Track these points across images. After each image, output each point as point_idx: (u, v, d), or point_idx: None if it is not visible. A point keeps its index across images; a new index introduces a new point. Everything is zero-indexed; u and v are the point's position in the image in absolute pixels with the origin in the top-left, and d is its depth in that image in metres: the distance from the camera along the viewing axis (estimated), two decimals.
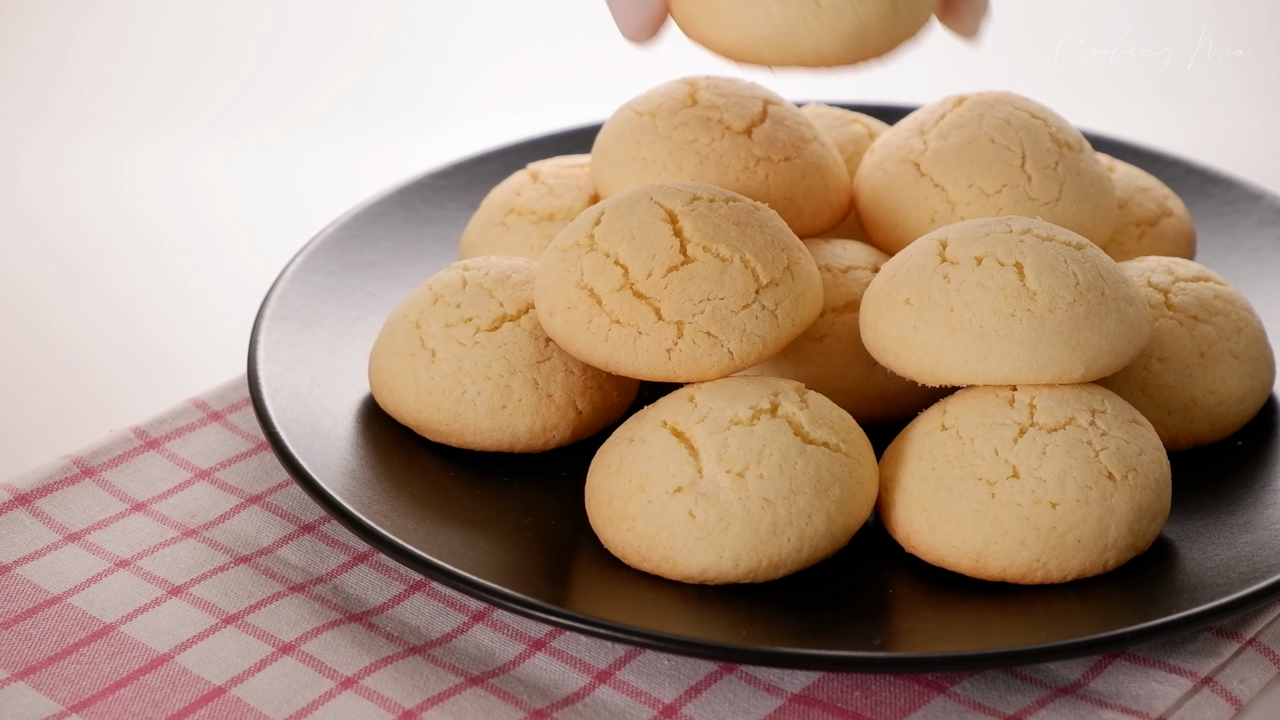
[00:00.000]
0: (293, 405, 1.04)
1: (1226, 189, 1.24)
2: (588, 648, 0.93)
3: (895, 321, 0.98)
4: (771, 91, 1.13)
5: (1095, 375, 0.96)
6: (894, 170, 1.09)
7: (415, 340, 1.04)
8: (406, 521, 0.97)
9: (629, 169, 1.09)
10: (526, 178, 1.17)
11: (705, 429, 0.94)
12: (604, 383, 1.05)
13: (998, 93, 1.11)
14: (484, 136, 1.37)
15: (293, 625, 0.94)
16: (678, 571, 0.93)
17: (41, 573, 0.98)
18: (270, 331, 1.09)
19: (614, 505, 0.95)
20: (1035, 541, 0.93)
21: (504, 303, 1.04)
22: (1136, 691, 0.90)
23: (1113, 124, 1.37)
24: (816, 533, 0.93)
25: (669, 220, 1.00)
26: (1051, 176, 1.07)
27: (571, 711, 0.90)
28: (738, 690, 0.91)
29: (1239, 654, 0.93)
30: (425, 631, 0.95)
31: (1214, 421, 1.04)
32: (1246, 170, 1.34)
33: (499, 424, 1.03)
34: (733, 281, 0.98)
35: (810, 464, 0.94)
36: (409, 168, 1.35)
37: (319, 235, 1.19)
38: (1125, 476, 0.94)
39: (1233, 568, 0.94)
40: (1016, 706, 0.90)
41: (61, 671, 0.92)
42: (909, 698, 0.90)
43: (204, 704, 0.90)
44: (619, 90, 1.22)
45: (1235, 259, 1.19)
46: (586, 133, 1.28)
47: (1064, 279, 0.96)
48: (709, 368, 0.98)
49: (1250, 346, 1.05)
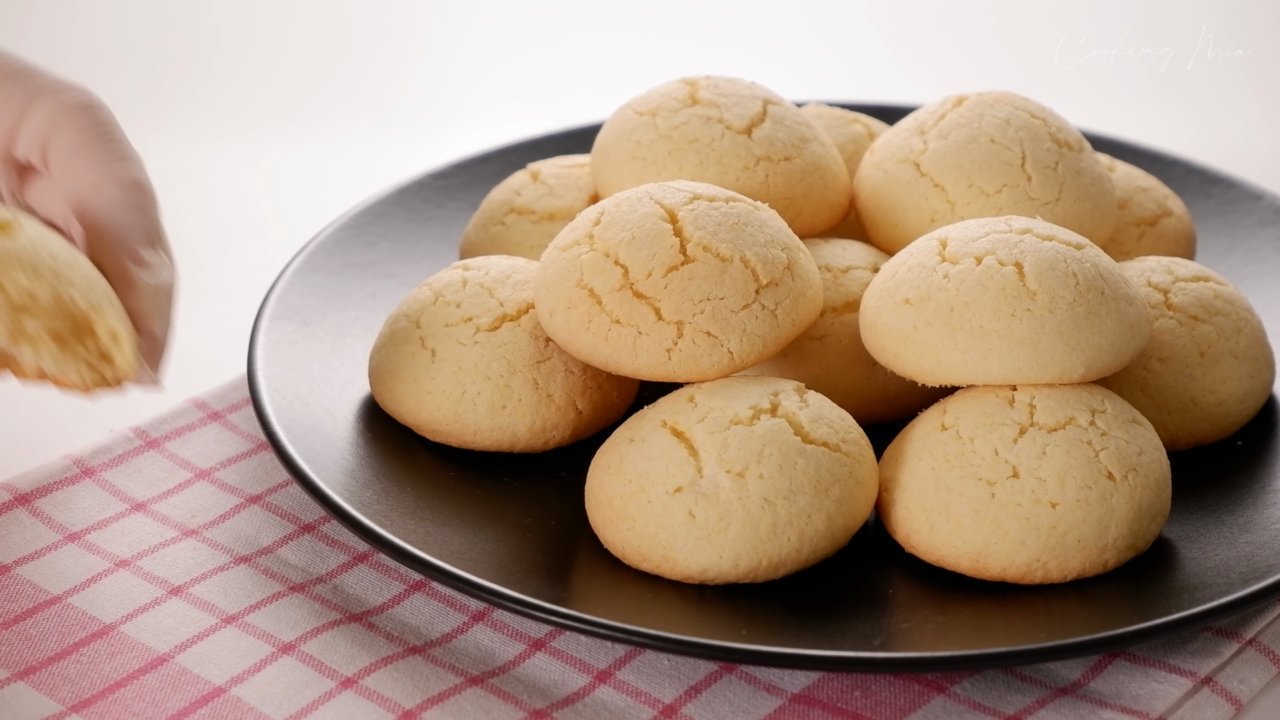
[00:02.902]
0: (293, 405, 1.04)
1: (1226, 189, 1.24)
2: (588, 648, 0.93)
3: (895, 321, 0.98)
4: (771, 91, 1.13)
5: (1095, 375, 0.96)
6: (894, 170, 1.09)
7: (415, 340, 1.04)
8: (406, 521, 0.97)
9: (629, 169, 1.09)
10: (526, 178, 1.17)
11: (705, 429, 0.94)
12: (604, 383, 1.05)
13: (998, 93, 1.11)
14: (484, 136, 1.37)
15: (293, 625, 0.94)
16: (678, 571, 0.93)
17: (41, 573, 0.98)
18: (270, 331, 1.09)
19: (614, 505, 0.95)
20: (1035, 541, 0.93)
21: (504, 303, 1.04)
22: (1136, 691, 0.90)
23: (1113, 124, 1.37)
24: (816, 533, 0.93)
25: (669, 220, 1.00)
26: (1051, 176, 1.07)
27: (571, 711, 0.90)
28: (738, 690, 0.91)
29: (1239, 654, 0.92)
30: (425, 631, 0.95)
31: (1214, 421, 1.04)
32: (1246, 170, 1.34)
33: (499, 424, 1.02)
34: (733, 281, 0.98)
35: (810, 464, 0.94)
36: (409, 168, 1.35)
37: (319, 235, 1.19)
38: (1125, 476, 0.94)
39: (1233, 568, 0.94)
40: (1016, 706, 0.90)
41: (61, 671, 0.92)
42: (909, 698, 0.90)
43: (204, 704, 0.90)
44: (619, 90, 1.22)
45: (1235, 259, 1.19)
46: (586, 133, 1.28)
47: (1064, 279, 0.96)
48: (709, 368, 0.98)
49: (1250, 346, 1.05)
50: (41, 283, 0.86)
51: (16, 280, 0.85)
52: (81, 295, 0.86)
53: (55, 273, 0.86)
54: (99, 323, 0.87)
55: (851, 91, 1.50)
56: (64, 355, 0.87)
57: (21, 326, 0.86)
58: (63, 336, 0.87)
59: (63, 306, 0.87)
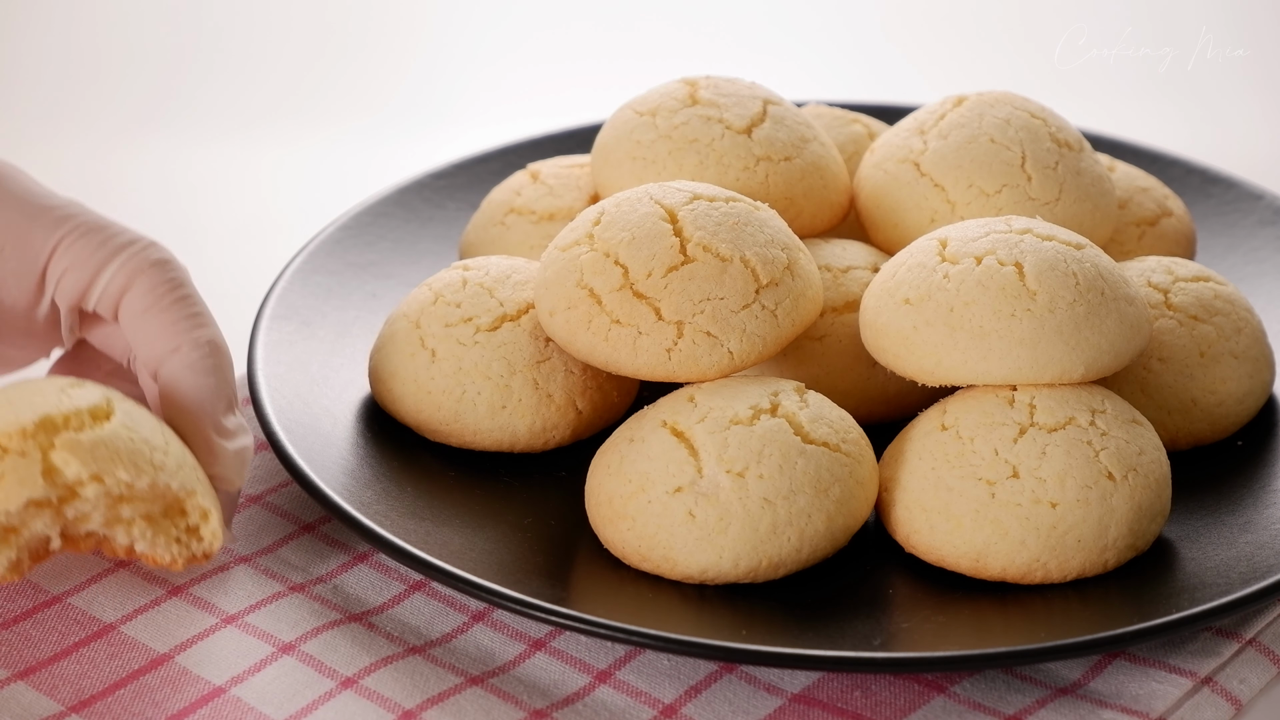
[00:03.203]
0: (293, 405, 1.04)
1: (1226, 189, 1.24)
2: (588, 648, 0.93)
3: (895, 321, 0.98)
4: (771, 91, 1.13)
5: (1095, 375, 0.96)
6: (894, 170, 1.09)
7: (415, 340, 1.04)
8: (406, 521, 0.97)
9: (629, 169, 1.09)
10: (526, 178, 1.17)
11: (705, 429, 0.94)
12: (604, 383, 1.05)
13: (998, 93, 1.11)
14: (484, 136, 1.37)
15: (293, 625, 0.94)
16: (678, 571, 0.93)
17: (41, 573, 0.98)
18: (270, 331, 1.10)
19: (614, 505, 0.95)
20: (1035, 541, 0.93)
21: (504, 303, 1.04)
22: (1136, 691, 0.90)
23: (1113, 124, 1.38)
24: (816, 533, 0.93)
25: (669, 220, 1.00)
26: (1051, 176, 1.07)
27: (571, 711, 0.90)
28: (738, 690, 0.91)
29: (1239, 654, 0.92)
30: (425, 631, 0.95)
31: (1214, 421, 1.04)
32: (1246, 170, 1.34)
33: (499, 424, 1.03)
34: (732, 281, 0.98)
35: (810, 464, 0.94)
36: (409, 168, 1.35)
37: (319, 235, 1.19)
38: (1125, 476, 0.94)
39: (1233, 568, 0.94)
40: (1016, 706, 0.90)
41: (61, 671, 0.92)
42: (909, 698, 0.90)
43: (204, 704, 0.90)
44: (619, 90, 1.22)
45: (1235, 259, 1.19)
46: (586, 133, 1.28)
47: (1064, 279, 0.96)
48: (709, 368, 0.98)
49: (1250, 346, 1.05)
50: (141, 476, 0.89)
51: (117, 475, 0.88)
52: (177, 482, 0.90)
53: (152, 463, 0.89)
54: (190, 503, 0.91)
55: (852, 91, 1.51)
56: (156, 535, 0.91)
57: (118, 514, 0.90)
58: (155, 517, 0.91)
59: (158, 493, 0.90)
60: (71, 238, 0.96)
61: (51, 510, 0.89)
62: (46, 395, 0.90)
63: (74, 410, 0.89)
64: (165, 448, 0.90)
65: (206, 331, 0.96)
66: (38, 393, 0.91)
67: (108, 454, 0.88)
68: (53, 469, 0.88)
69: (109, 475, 0.88)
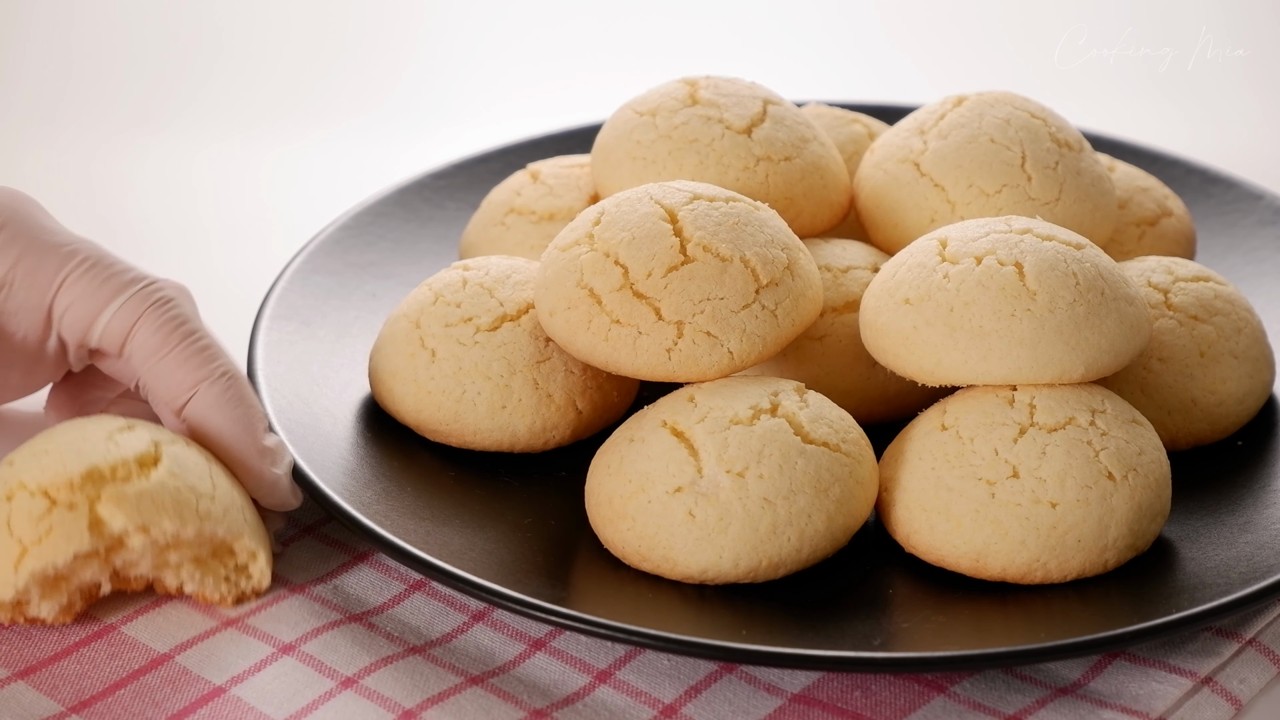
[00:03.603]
0: (293, 405, 1.04)
1: (1226, 189, 1.24)
2: (588, 648, 0.93)
3: (895, 321, 0.98)
4: (771, 91, 1.13)
5: (1095, 375, 0.96)
6: (894, 170, 1.09)
7: (415, 340, 1.04)
8: (406, 521, 0.97)
9: (629, 169, 1.09)
10: (526, 178, 1.17)
11: (705, 429, 0.94)
12: (604, 383, 1.05)
13: (998, 93, 1.11)
14: (484, 136, 1.37)
15: (293, 625, 0.94)
16: (678, 571, 0.93)
17: None
18: (270, 331, 1.10)
19: (614, 505, 0.95)
20: (1035, 541, 0.93)
21: (504, 303, 1.04)
22: (1136, 691, 0.90)
23: (1113, 124, 1.38)
24: (816, 533, 0.93)
25: (669, 220, 1.00)
26: (1051, 176, 1.07)
27: (571, 711, 0.90)
28: (738, 690, 0.91)
29: (1239, 654, 0.92)
30: (425, 631, 0.95)
31: (1214, 421, 1.04)
32: (1246, 170, 1.34)
33: (499, 424, 1.02)
34: (732, 281, 0.98)
35: (810, 464, 0.94)
36: (409, 168, 1.35)
37: (319, 235, 1.19)
38: (1125, 476, 0.94)
39: (1233, 568, 0.94)
40: (1016, 706, 0.90)
41: (61, 671, 0.92)
42: (909, 698, 0.90)
43: (204, 704, 0.90)
44: (619, 90, 1.22)
45: (1235, 259, 1.19)
46: (586, 133, 1.29)
47: (1064, 279, 0.96)
48: (709, 368, 0.98)
49: (1250, 346, 1.05)
50: (187, 525, 0.91)
51: (162, 526, 0.90)
52: (223, 528, 0.92)
53: (198, 512, 0.91)
54: (239, 545, 0.93)
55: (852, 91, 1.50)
56: (204, 576, 0.94)
57: (166, 560, 0.92)
58: (203, 559, 0.93)
59: (205, 539, 0.92)
60: (77, 273, 0.97)
61: (99, 560, 0.91)
62: (95, 442, 0.92)
63: (120, 460, 0.91)
64: (212, 493, 0.92)
65: (220, 364, 0.97)
66: (86, 439, 0.92)
67: (152, 506, 0.90)
68: (99, 521, 0.89)
69: (154, 526, 0.90)
